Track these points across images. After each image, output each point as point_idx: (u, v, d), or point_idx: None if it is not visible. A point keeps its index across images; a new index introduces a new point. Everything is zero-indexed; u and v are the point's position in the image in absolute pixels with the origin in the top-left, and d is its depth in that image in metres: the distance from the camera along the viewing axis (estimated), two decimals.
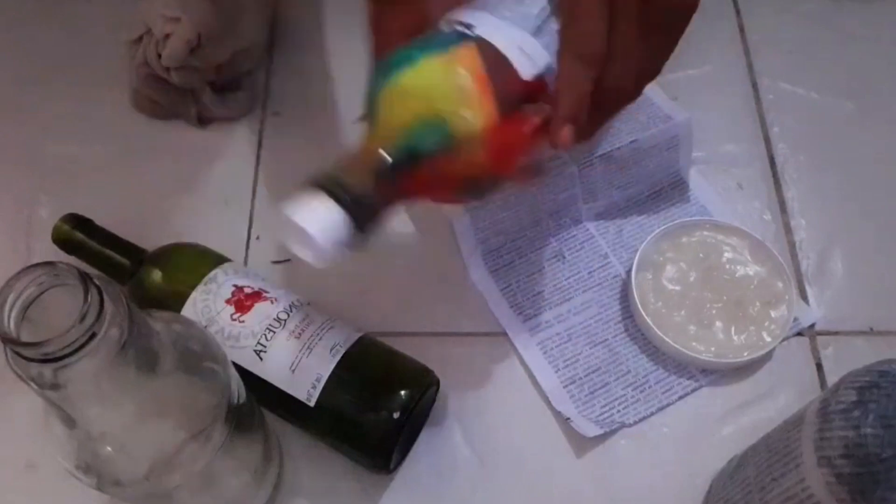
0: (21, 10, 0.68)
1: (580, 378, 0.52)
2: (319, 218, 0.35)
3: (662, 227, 0.55)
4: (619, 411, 0.51)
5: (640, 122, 0.56)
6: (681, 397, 0.52)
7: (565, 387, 0.52)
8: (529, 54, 0.39)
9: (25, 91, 0.64)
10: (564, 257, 0.56)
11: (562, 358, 0.53)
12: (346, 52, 0.65)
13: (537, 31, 0.40)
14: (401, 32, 0.40)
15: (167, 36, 0.56)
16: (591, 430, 0.49)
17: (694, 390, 0.52)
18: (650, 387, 0.52)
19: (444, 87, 0.37)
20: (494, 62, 0.38)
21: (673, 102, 0.58)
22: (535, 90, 0.39)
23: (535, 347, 0.53)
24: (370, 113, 0.38)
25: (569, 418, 0.50)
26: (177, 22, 0.56)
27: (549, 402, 0.51)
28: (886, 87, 0.63)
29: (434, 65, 0.37)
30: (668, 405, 0.51)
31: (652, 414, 0.51)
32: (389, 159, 0.36)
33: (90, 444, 0.35)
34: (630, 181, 0.57)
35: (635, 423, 0.51)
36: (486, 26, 0.39)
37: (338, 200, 0.35)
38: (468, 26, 0.39)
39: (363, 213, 0.36)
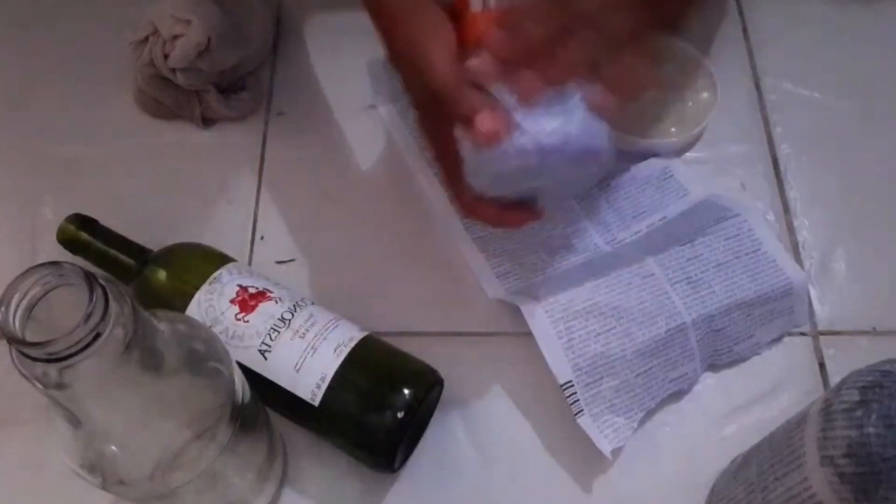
0: (25, 10, 0.69)
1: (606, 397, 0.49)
2: None
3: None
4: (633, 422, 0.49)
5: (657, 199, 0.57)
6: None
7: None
8: None
9: (30, 91, 0.65)
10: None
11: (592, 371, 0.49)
12: (349, 53, 0.65)
13: None
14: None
15: (175, 37, 0.56)
16: (606, 446, 0.48)
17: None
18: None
19: None
20: None
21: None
22: None
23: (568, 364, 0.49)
24: None
25: (587, 433, 0.48)
26: (187, 24, 0.56)
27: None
28: (889, 88, 0.63)
29: None
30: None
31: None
32: None
33: (95, 443, 0.35)
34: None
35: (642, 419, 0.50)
36: None
37: None
38: None
39: None
